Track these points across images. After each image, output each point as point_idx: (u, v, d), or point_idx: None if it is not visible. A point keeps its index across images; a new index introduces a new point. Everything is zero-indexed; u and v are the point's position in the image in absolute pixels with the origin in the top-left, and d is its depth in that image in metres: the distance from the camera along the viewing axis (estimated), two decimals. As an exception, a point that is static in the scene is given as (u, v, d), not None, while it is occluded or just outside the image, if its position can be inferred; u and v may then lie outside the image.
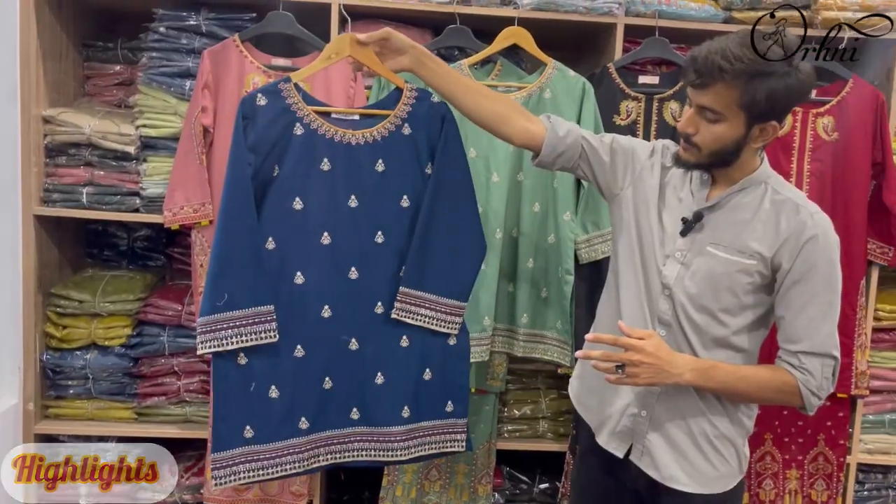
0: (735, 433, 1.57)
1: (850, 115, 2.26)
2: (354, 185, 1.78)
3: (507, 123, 1.67)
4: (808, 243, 1.45)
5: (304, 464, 1.82)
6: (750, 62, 1.36)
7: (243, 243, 1.69)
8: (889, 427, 2.46)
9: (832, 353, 1.47)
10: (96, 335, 2.28)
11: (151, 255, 2.61)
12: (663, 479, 1.57)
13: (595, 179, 1.69)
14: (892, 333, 2.44)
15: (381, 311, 1.83)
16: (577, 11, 2.20)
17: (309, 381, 1.81)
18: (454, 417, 1.91)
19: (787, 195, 1.50)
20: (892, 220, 2.28)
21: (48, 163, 2.25)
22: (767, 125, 1.43)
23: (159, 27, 2.21)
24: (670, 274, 1.54)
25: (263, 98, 1.72)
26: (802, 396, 1.47)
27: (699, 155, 1.48)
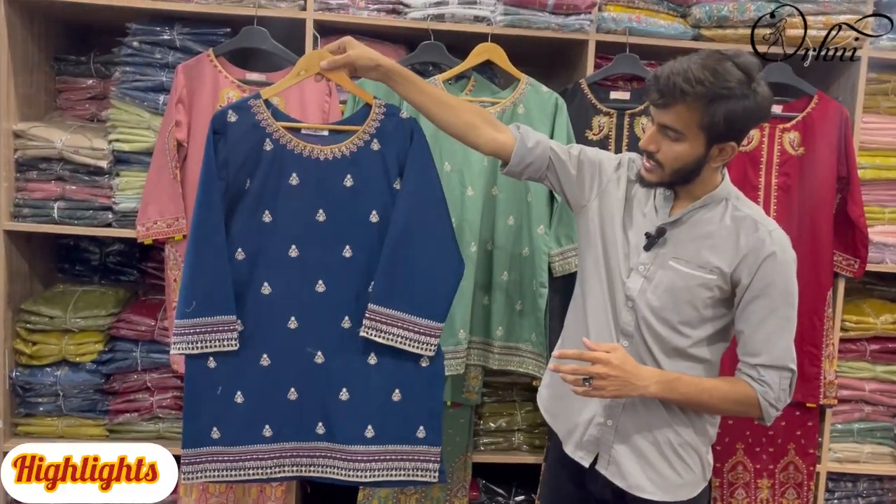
0: (699, 441, 1.61)
1: (815, 130, 2.32)
2: (323, 199, 1.79)
3: (475, 133, 1.69)
4: (766, 260, 1.49)
5: (269, 471, 1.84)
6: (710, 85, 1.39)
7: (210, 255, 1.73)
8: (857, 436, 2.51)
9: (789, 366, 1.51)
10: (67, 351, 2.26)
11: (124, 269, 2.59)
12: (629, 487, 1.61)
13: (562, 191, 1.72)
14: (858, 344, 2.49)
15: (347, 325, 1.82)
16: (549, 28, 2.23)
17: (274, 391, 1.82)
18: (426, 444, 1.84)
19: (746, 212, 1.54)
20: (857, 232, 2.33)
21: (18, 177, 2.23)
22: (726, 145, 1.47)
23: (133, 41, 2.21)
24: (634, 286, 1.57)
25: (234, 114, 1.74)
26: (761, 408, 1.51)
27: (661, 173, 1.51)
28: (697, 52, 1.47)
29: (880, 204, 2.46)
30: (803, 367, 2.35)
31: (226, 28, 2.24)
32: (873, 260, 2.41)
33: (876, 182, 2.44)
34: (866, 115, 2.40)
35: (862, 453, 2.51)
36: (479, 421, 2.43)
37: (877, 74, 2.41)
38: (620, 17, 2.26)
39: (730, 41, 2.30)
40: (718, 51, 1.45)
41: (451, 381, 2.24)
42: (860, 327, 2.45)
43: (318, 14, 2.19)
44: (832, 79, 2.46)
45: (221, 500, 2.26)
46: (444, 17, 2.21)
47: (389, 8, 2.25)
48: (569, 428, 1.69)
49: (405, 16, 2.23)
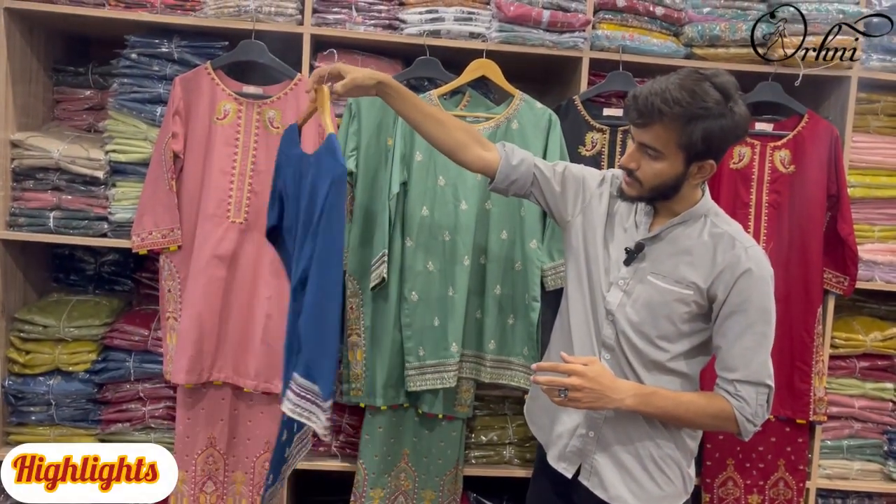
0: (680, 455, 1.63)
1: (806, 148, 2.34)
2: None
3: (464, 151, 1.75)
4: (742, 276, 1.51)
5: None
6: (687, 105, 1.42)
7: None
8: (847, 452, 2.52)
9: (766, 382, 1.53)
10: (60, 360, 2.26)
11: (119, 279, 2.59)
12: (610, 498, 1.63)
13: (548, 206, 1.77)
14: (848, 360, 2.50)
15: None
16: (543, 45, 2.26)
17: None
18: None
19: (724, 229, 1.56)
20: (846, 250, 2.35)
21: (15, 187, 2.24)
22: (705, 163, 1.50)
23: (131, 53, 2.23)
24: (613, 300, 1.60)
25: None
26: (738, 423, 1.53)
27: (641, 189, 1.54)
28: (677, 70, 1.50)
29: (870, 222, 2.48)
30: (793, 383, 2.37)
31: (223, 41, 2.26)
32: (863, 277, 2.42)
33: (865, 200, 2.46)
34: (856, 134, 2.43)
35: (851, 470, 2.52)
36: (471, 434, 2.43)
37: (867, 94, 2.44)
38: (614, 35, 2.29)
39: (721, 60, 2.33)
40: (697, 70, 1.48)
41: (444, 394, 2.25)
42: (850, 344, 2.47)
43: (315, 29, 2.21)
44: (823, 98, 2.49)
45: (212, 511, 2.25)
46: (440, 33, 2.24)
47: (386, 23, 2.27)
48: (552, 439, 1.72)
49: (401, 31, 2.26)
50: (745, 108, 1.48)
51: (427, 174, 2.18)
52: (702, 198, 1.59)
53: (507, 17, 2.20)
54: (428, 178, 2.18)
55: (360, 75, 1.69)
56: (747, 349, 1.52)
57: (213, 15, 2.18)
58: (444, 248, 2.18)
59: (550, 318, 2.23)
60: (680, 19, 2.35)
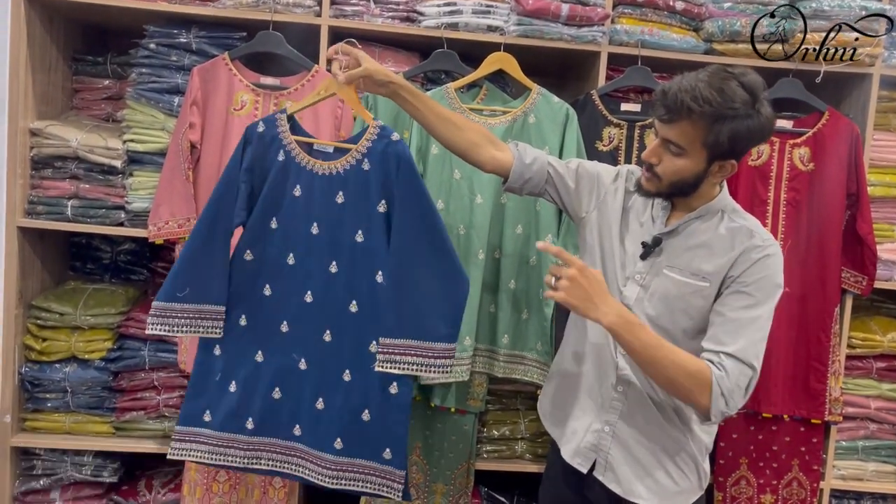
0: (695, 449, 1.62)
1: (825, 146, 2.32)
2: (318, 213, 1.87)
3: (477, 151, 1.76)
4: (761, 260, 1.50)
5: (245, 461, 1.93)
6: (717, 105, 1.41)
7: (217, 247, 1.84)
8: (862, 453, 2.50)
9: (752, 364, 1.48)
10: (76, 348, 2.28)
11: (135, 269, 2.61)
12: (625, 493, 1.62)
13: (562, 203, 1.77)
14: (865, 361, 2.48)
15: (328, 339, 1.88)
16: (562, 39, 2.24)
17: (261, 387, 1.90)
18: (391, 466, 1.87)
19: (741, 223, 1.56)
20: (865, 249, 2.33)
21: (34, 175, 2.26)
22: (727, 163, 1.49)
23: (149, 43, 2.24)
24: (630, 295, 1.60)
25: (262, 126, 1.87)
26: (712, 393, 1.43)
27: (659, 185, 1.54)
28: (704, 67, 1.49)
29: (889, 221, 2.46)
30: (809, 383, 2.35)
31: (242, 32, 2.27)
32: (881, 277, 2.40)
33: (885, 200, 2.44)
34: (877, 133, 2.40)
35: (866, 471, 2.50)
36: (483, 428, 2.43)
37: (888, 92, 2.42)
38: (633, 29, 2.27)
39: (742, 56, 2.30)
40: (724, 68, 1.47)
41: (456, 388, 2.24)
42: (867, 344, 2.45)
43: (333, 20, 2.21)
44: (843, 95, 2.47)
45: (224, 500, 2.26)
46: (458, 26, 2.23)
47: (404, 15, 2.27)
48: (566, 435, 1.71)
49: (419, 24, 2.25)
50: (771, 108, 1.47)
51: (443, 167, 2.18)
52: (720, 193, 1.58)
53: (526, 10, 2.19)
54: (444, 171, 2.18)
55: (374, 68, 1.71)
56: (743, 327, 1.48)
57: (232, 6, 2.18)
58: (459, 241, 2.18)
59: (564, 314, 2.22)
60: (700, 14, 2.33)
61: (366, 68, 1.70)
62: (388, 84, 1.72)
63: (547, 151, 2.16)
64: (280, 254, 1.87)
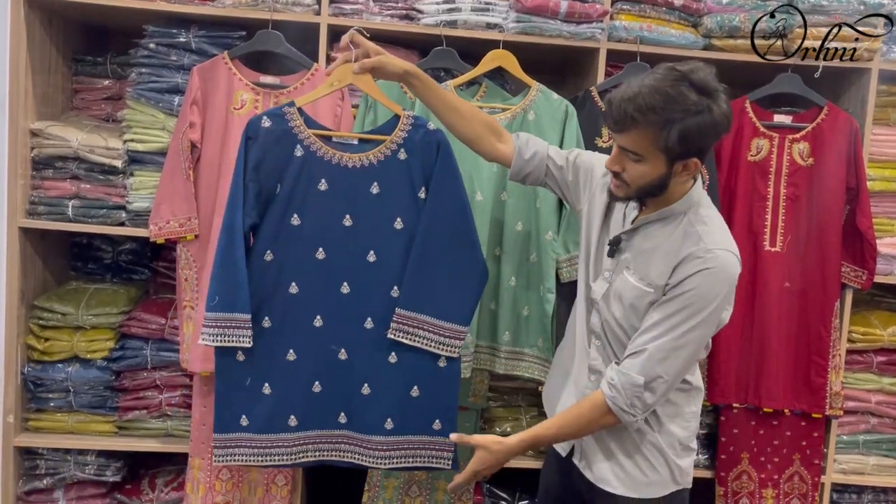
0: (664, 443, 1.62)
1: (825, 141, 2.32)
2: (350, 205, 1.87)
3: (480, 142, 1.80)
4: (698, 273, 1.48)
5: (293, 457, 1.93)
6: (661, 111, 1.39)
7: (233, 255, 1.81)
8: (863, 447, 2.50)
9: (649, 377, 1.49)
10: (78, 348, 2.28)
11: (136, 268, 2.61)
12: (596, 480, 1.66)
13: (563, 196, 1.82)
14: (865, 355, 2.48)
15: (370, 326, 1.90)
16: (560, 36, 2.25)
17: (299, 384, 1.90)
18: (441, 436, 1.93)
19: (697, 228, 1.52)
20: (865, 244, 2.33)
21: (34, 175, 2.26)
22: (689, 161, 1.47)
23: (149, 43, 2.24)
24: (599, 290, 1.63)
25: (268, 120, 1.84)
26: (615, 414, 1.53)
27: (629, 190, 1.54)
28: (654, 69, 1.46)
29: (889, 216, 2.46)
30: (809, 377, 2.36)
31: (241, 31, 2.27)
32: (881, 272, 2.41)
33: (885, 194, 2.44)
34: (876, 127, 2.40)
35: (867, 465, 2.50)
36: (485, 425, 2.43)
37: (887, 86, 2.41)
38: (632, 25, 2.27)
39: (741, 51, 2.31)
40: (674, 67, 1.44)
41: (458, 385, 2.25)
42: (867, 339, 2.45)
43: (332, 19, 2.21)
44: (842, 90, 2.47)
45: (228, 498, 2.27)
46: (457, 24, 2.23)
47: (402, 13, 2.27)
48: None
49: (418, 21, 2.25)
50: (727, 103, 1.44)
51: (443, 165, 2.18)
52: (686, 195, 1.55)
53: (525, 7, 2.19)
54: (444, 168, 2.18)
55: (387, 59, 1.74)
56: (658, 338, 1.49)
57: (231, 4, 2.18)
58: (460, 238, 2.18)
59: (565, 310, 2.23)
60: (699, 10, 2.33)
61: (379, 59, 1.73)
62: (403, 74, 1.74)
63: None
64: (306, 250, 1.87)
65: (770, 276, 2.33)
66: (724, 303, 1.51)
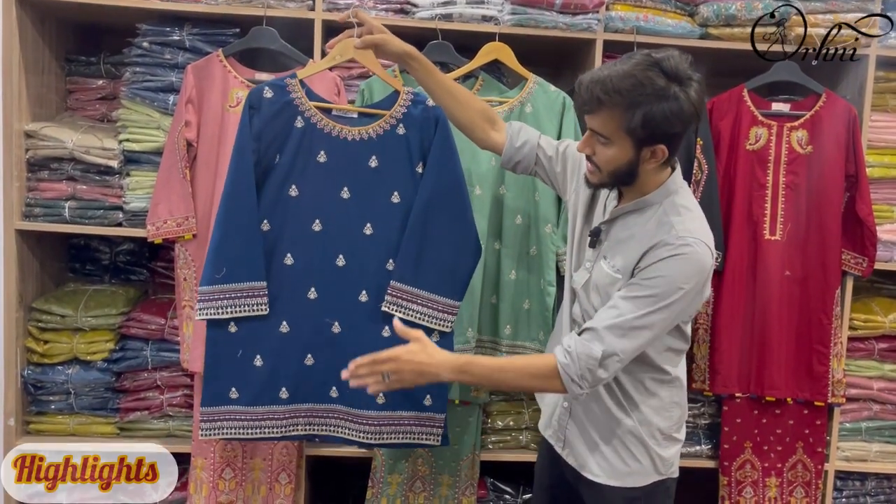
0: (644, 433, 1.62)
1: (823, 128, 2.32)
2: (348, 178, 1.88)
3: (474, 129, 1.83)
4: (668, 258, 1.46)
5: (283, 430, 1.93)
6: (627, 94, 1.40)
7: (243, 223, 1.82)
8: (866, 435, 2.50)
9: (603, 349, 1.46)
10: (78, 350, 2.27)
11: (134, 269, 2.60)
12: (579, 468, 1.68)
13: (553, 186, 1.84)
14: (867, 342, 2.48)
15: (365, 299, 1.90)
16: (557, 27, 2.24)
17: (291, 356, 1.91)
18: (432, 411, 1.95)
19: (671, 218, 1.51)
20: (865, 231, 2.33)
21: (30, 177, 2.25)
22: (656, 148, 1.46)
23: (143, 42, 2.22)
24: (579, 280, 1.64)
25: (270, 91, 1.84)
26: (562, 381, 1.49)
27: (601, 175, 1.54)
28: (631, 54, 1.47)
29: (889, 202, 2.46)
30: (811, 365, 2.36)
31: (235, 28, 2.25)
32: (881, 258, 2.41)
33: (884, 180, 2.44)
34: (874, 114, 2.40)
35: (870, 452, 2.50)
36: (487, 420, 2.43)
37: (885, 72, 2.41)
38: (628, 16, 2.26)
39: (738, 40, 2.30)
40: (649, 54, 1.45)
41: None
42: (868, 326, 2.45)
43: (326, 14, 2.20)
44: (840, 77, 2.46)
45: (231, 497, 2.27)
46: (452, 17, 2.22)
47: (397, 8, 2.26)
48: (545, 407, 1.81)
49: (413, 15, 2.24)
50: (699, 90, 1.44)
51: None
52: (662, 186, 1.54)
53: (520, -1, 2.18)
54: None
55: (388, 38, 1.75)
56: (618, 312, 1.47)
57: (224, 2, 2.17)
58: (459, 233, 2.17)
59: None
60: (695, -1, 2.32)
61: (382, 37, 1.75)
62: (403, 54, 1.76)
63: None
64: (304, 221, 1.87)
65: (770, 264, 2.32)
66: (695, 294, 1.50)
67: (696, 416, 2.49)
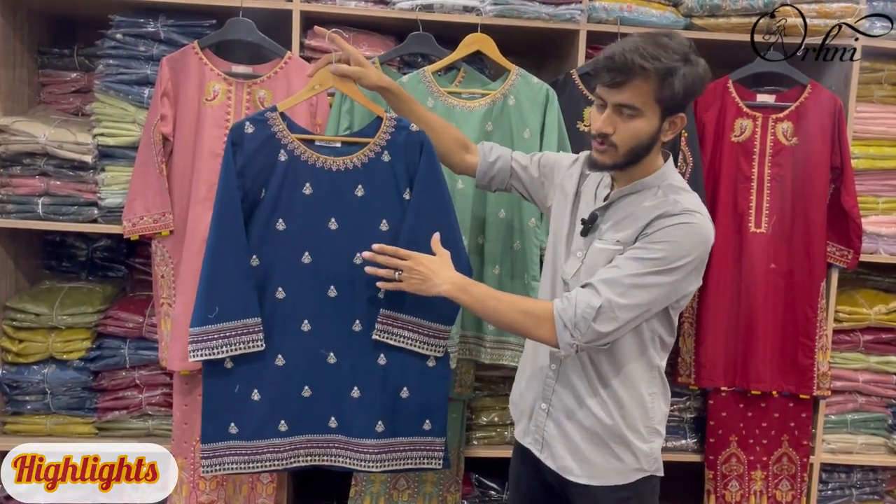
0: (626, 430, 1.60)
1: (808, 120, 2.30)
2: (335, 209, 1.85)
3: (450, 156, 1.87)
4: (674, 226, 1.47)
5: (284, 462, 1.91)
6: (664, 58, 1.44)
7: (233, 260, 1.79)
8: (851, 427, 2.51)
9: (605, 296, 1.45)
10: (54, 349, 2.23)
11: (112, 265, 2.56)
12: (559, 469, 1.64)
13: (530, 196, 1.85)
14: (852, 334, 2.48)
15: (358, 328, 1.87)
16: (539, 18, 2.20)
17: (288, 388, 1.88)
18: (432, 436, 1.92)
19: (672, 196, 1.52)
20: (850, 223, 2.32)
21: (2, 173, 2.20)
22: (676, 117, 1.50)
23: (116, 34, 2.17)
24: (570, 270, 1.62)
25: (251, 126, 1.81)
26: (555, 326, 1.49)
27: (616, 154, 1.52)
28: (626, 38, 1.50)
29: (874, 194, 2.45)
30: (797, 358, 2.35)
31: (211, 20, 2.21)
32: (867, 250, 2.40)
33: (869, 172, 2.43)
34: (860, 105, 2.38)
35: (856, 444, 2.51)
36: (472, 415, 2.41)
37: (870, 63, 2.39)
38: (612, 6, 2.24)
39: (722, 30, 2.27)
40: (649, 32, 1.50)
41: (443, 376, 2.22)
42: (854, 318, 2.45)
43: (304, 5, 2.16)
44: (825, 68, 2.44)
45: (212, 497, 2.24)
46: (433, 8, 2.18)
47: (377, -2, 2.22)
48: (519, 413, 1.77)
49: (393, 6, 2.20)
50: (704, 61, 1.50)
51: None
52: (660, 169, 1.56)
53: (502, -11, 2.15)
54: (423, 157, 2.14)
55: (366, 71, 1.77)
56: (622, 270, 1.47)
57: (200, -8, 2.12)
58: (442, 228, 2.14)
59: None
60: (679, -11, 2.30)
61: (358, 70, 1.76)
62: (378, 88, 1.78)
63: (528, 133, 2.13)
64: (292, 254, 1.84)
65: (756, 257, 2.31)
66: (693, 268, 1.50)
67: (682, 410, 2.49)
